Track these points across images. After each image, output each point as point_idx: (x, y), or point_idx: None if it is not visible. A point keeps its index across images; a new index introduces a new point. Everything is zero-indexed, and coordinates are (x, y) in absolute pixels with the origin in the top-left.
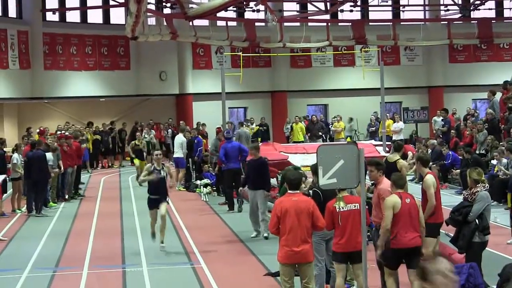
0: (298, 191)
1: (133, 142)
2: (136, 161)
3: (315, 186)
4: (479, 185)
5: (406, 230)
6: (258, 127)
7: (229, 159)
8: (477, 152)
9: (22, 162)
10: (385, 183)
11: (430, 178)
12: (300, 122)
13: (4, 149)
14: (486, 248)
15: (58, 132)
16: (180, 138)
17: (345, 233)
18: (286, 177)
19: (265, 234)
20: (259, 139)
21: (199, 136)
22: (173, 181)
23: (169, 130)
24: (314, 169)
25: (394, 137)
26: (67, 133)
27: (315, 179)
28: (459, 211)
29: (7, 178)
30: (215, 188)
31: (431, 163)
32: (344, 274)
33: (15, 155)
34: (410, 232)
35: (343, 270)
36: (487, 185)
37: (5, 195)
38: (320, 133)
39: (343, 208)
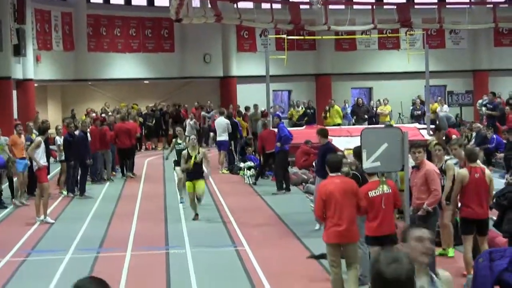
0: (340, 173)
1: (174, 140)
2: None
3: (354, 169)
4: None
5: (473, 202)
6: (304, 109)
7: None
8: None
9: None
10: (430, 164)
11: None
12: (336, 105)
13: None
14: None
15: (93, 114)
16: (223, 121)
17: (378, 215)
18: (327, 160)
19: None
20: (305, 119)
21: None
22: None
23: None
24: (357, 152)
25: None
26: (110, 114)
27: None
28: (505, 195)
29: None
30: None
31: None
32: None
33: (58, 137)
34: (477, 204)
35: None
36: None
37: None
38: (366, 116)
39: (387, 191)
